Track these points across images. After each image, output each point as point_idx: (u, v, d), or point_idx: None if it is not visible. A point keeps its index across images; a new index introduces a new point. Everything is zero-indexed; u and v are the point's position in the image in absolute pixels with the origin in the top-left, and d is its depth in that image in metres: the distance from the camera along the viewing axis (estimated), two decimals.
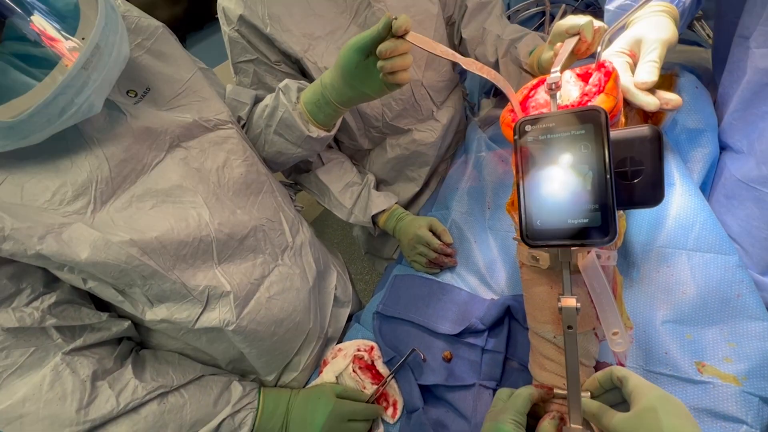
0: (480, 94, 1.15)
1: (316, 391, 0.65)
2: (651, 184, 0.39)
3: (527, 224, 0.37)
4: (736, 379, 0.47)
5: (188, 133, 0.56)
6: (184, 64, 0.59)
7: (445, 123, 0.91)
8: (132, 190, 0.49)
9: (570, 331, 0.40)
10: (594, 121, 0.33)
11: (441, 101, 0.91)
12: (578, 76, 0.50)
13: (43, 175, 0.43)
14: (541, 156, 0.36)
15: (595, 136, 0.33)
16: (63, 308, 0.48)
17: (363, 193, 0.87)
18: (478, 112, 1.10)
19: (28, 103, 0.37)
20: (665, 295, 0.55)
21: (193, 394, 0.56)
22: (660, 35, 0.50)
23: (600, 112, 0.33)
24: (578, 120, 0.34)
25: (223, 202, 0.56)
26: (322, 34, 0.74)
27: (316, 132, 0.66)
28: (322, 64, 0.74)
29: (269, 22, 0.70)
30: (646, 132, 0.38)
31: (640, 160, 0.38)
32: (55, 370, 0.46)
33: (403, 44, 0.50)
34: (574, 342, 0.40)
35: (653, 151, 0.38)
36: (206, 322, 0.53)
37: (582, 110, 0.34)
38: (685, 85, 0.62)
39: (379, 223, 0.88)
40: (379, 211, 0.86)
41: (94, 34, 0.40)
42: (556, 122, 0.35)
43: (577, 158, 0.34)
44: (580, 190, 0.34)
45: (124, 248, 0.45)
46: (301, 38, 0.72)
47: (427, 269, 0.78)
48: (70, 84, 0.39)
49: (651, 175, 0.39)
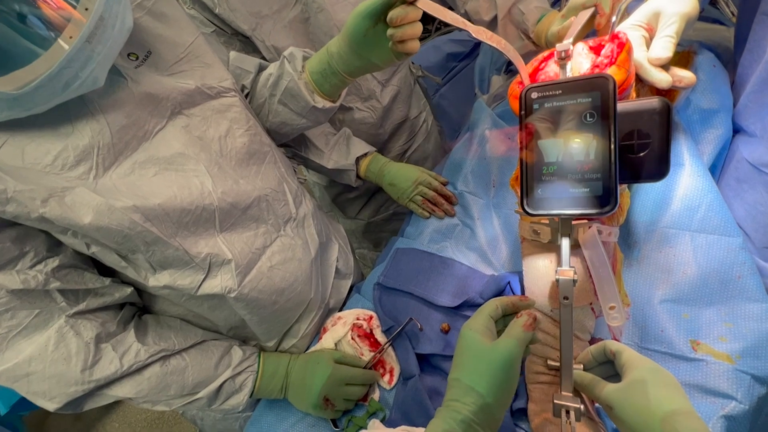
0: (491, 70, 1.12)
1: (315, 356, 0.67)
2: (657, 158, 0.38)
3: (528, 193, 0.37)
4: (729, 357, 0.48)
5: (190, 100, 0.55)
6: (187, 27, 0.57)
7: (386, 104, 0.94)
8: (134, 157, 0.49)
9: (566, 301, 0.41)
10: (601, 88, 0.33)
11: (385, 80, 0.93)
12: (591, 48, 0.48)
13: (44, 139, 0.43)
14: (546, 123, 0.35)
15: (602, 104, 0.33)
16: (66, 272, 0.49)
17: (341, 140, 0.88)
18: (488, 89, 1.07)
19: (31, 75, 0.37)
20: (665, 275, 0.55)
21: (194, 357, 0.58)
22: (679, 8, 0.48)
23: (608, 80, 0.33)
24: (585, 87, 0.34)
25: (226, 172, 0.56)
26: (269, 12, 0.77)
27: (322, 102, 0.65)
28: (270, 43, 0.78)
29: (218, 3, 0.74)
30: (655, 104, 0.37)
31: (648, 133, 0.38)
32: (60, 332, 0.48)
33: (414, 11, 0.49)
34: (569, 313, 0.41)
35: (661, 124, 0.37)
36: (208, 288, 0.54)
37: (590, 77, 0.34)
38: (702, 63, 0.60)
39: (361, 168, 0.89)
40: (361, 154, 0.88)
41: (97, 6, 0.39)
42: (563, 89, 0.35)
43: (582, 126, 0.34)
44: (583, 158, 0.34)
45: (127, 214, 0.45)
46: (248, 17, 0.75)
47: (423, 209, 0.82)
48: (74, 58, 0.38)
49: (658, 148, 0.38)
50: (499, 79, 1.04)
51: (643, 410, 0.36)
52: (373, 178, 0.90)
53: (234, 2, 0.75)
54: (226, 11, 0.75)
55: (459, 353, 0.41)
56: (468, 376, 0.39)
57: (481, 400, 0.38)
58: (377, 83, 0.92)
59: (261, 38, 0.78)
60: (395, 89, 0.95)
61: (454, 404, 0.38)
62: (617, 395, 0.39)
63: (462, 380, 0.39)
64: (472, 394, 0.38)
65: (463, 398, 0.38)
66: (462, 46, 1.47)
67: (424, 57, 1.49)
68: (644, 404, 0.36)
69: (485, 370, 0.38)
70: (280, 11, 0.78)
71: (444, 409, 0.39)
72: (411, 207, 0.85)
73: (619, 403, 0.38)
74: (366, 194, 1.11)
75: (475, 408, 0.37)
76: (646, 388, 0.37)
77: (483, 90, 1.14)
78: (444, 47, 1.51)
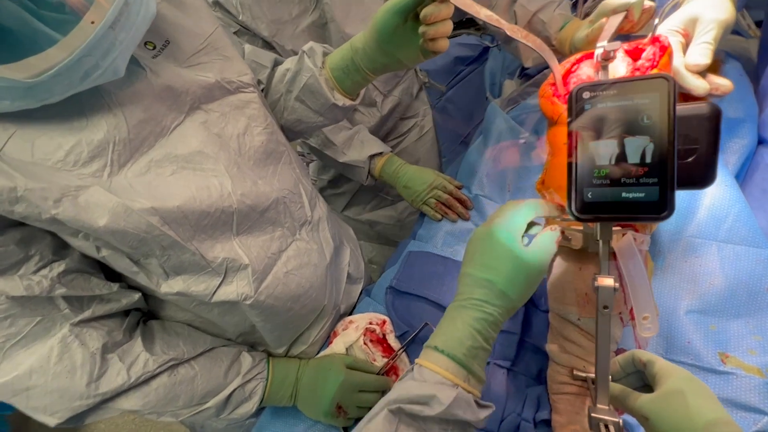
0: (503, 75, 1.12)
1: (327, 361, 0.64)
2: (704, 165, 0.37)
3: (577, 196, 0.35)
4: (760, 371, 0.47)
5: (209, 95, 0.52)
6: (206, 17, 0.54)
7: (385, 114, 0.97)
8: (150, 154, 0.45)
9: (605, 311, 0.39)
10: (660, 89, 0.32)
11: (388, 90, 0.96)
12: (626, 52, 0.48)
13: (56, 132, 0.39)
14: (599, 125, 0.34)
15: (660, 106, 0.31)
16: (72, 277, 0.45)
17: (356, 136, 0.89)
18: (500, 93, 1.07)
19: (47, 63, 0.34)
20: (691, 285, 0.55)
21: (203, 366, 0.55)
22: (718, 15, 0.47)
23: (668, 80, 0.31)
24: (642, 88, 0.32)
25: (245, 172, 0.53)
26: (289, 18, 0.80)
27: (342, 100, 0.63)
28: (290, 47, 0.81)
29: (241, 11, 0.78)
30: (705, 110, 0.36)
31: (696, 139, 0.37)
32: (63, 342, 0.44)
33: (447, 8, 0.47)
34: (607, 323, 0.40)
35: (710, 129, 0.36)
36: (223, 295, 0.51)
37: (647, 77, 0.32)
38: (730, 72, 0.60)
39: (376, 167, 0.90)
40: (376, 152, 0.88)
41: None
42: (618, 90, 0.33)
43: (638, 129, 0.32)
44: (639, 162, 0.32)
45: (144, 216, 0.42)
46: (270, 24, 0.79)
47: (436, 211, 0.82)
48: (97, 45, 0.35)
49: (705, 155, 0.37)
50: (511, 83, 1.04)
51: (683, 420, 0.35)
52: (388, 178, 0.89)
53: (256, 10, 0.78)
54: (249, 18, 0.78)
55: (490, 253, 0.40)
56: (503, 281, 0.39)
57: (511, 304, 0.39)
58: (379, 93, 0.95)
59: (281, 43, 0.81)
60: (396, 100, 0.98)
61: (485, 306, 0.39)
62: (654, 406, 0.37)
63: (496, 284, 0.39)
64: (504, 299, 0.39)
65: (495, 301, 0.39)
66: (470, 50, 1.46)
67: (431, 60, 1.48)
68: (684, 414, 0.35)
69: (522, 280, 0.39)
70: (300, 17, 0.81)
71: (472, 309, 0.39)
72: (424, 209, 0.84)
73: (657, 413, 0.37)
74: (350, 191, 1.13)
75: (504, 311, 0.39)
76: (684, 397, 0.36)
77: (494, 94, 1.13)
78: (452, 51, 1.49)
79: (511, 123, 0.84)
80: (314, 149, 0.91)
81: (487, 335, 0.39)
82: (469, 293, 0.40)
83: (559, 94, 0.49)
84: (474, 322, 0.39)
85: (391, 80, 0.97)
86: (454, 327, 0.39)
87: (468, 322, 0.39)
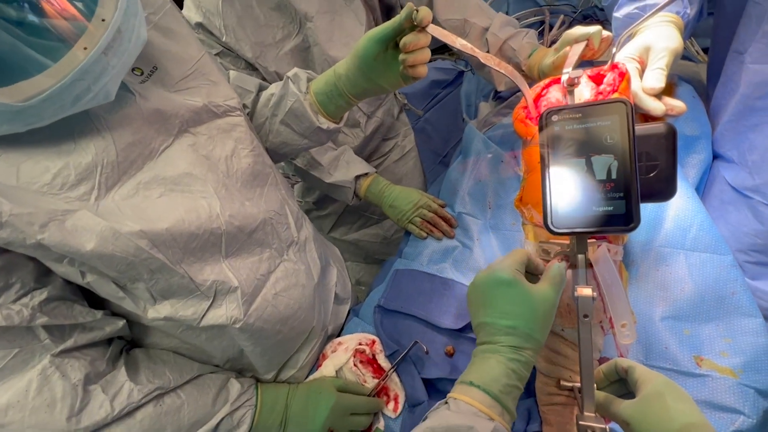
0: (478, 97, 1.17)
1: (316, 385, 0.64)
2: (665, 179, 0.40)
3: (552, 212, 0.37)
4: (732, 372, 0.49)
5: (197, 118, 0.53)
6: (193, 44, 0.56)
7: (368, 134, 1.00)
8: (138, 177, 0.45)
9: (586, 320, 0.41)
10: (619, 112, 0.35)
11: (371, 112, 1.00)
12: (590, 77, 0.52)
13: (43, 156, 0.39)
14: (567, 145, 0.37)
15: (620, 127, 0.35)
16: (54, 305, 0.43)
17: (342, 156, 0.91)
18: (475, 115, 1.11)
19: (38, 87, 0.34)
20: (664, 292, 0.57)
21: (190, 394, 0.53)
22: (668, 44, 0.52)
23: (626, 104, 0.34)
24: (604, 111, 0.35)
25: (233, 194, 0.54)
26: (272, 41, 0.82)
27: (326, 123, 0.65)
28: (273, 69, 0.83)
29: (224, 32, 0.79)
30: (662, 129, 0.40)
31: (656, 156, 0.40)
32: (43, 374, 0.42)
33: (425, 37, 0.51)
34: (588, 331, 0.41)
35: (668, 147, 0.40)
36: (212, 319, 0.50)
37: (608, 101, 0.36)
38: (684, 94, 0.65)
39: (362, 187, 0.91)
40: (362, 173, 0.90)
41: (116, 18, 0.37)
42: (583, 113, 0.36)
43: (603, 148, 0.35)
44: (605, 178, 0.35)
45: (133, 239, 0.42)
46: (253, 46, 0.81)
47: (422, 229, 0.84)
48: (89, 70, 0.36)
49: (665, 170, 0.40)
50: (486, 105, 1.09)
51: (660, 423, 0.36)
52: (373, 198, 0.91)
53: (240, 33, 0.79)
54: (232, 40, 0.79)
55: (503, 299, 0.42)
56: (525, 324, 0.40)
57: (538, 343, 0.41)
58: (362, 114, 0.98)
59: (264, 65, 0.82)
60: (379, 121, 1.02)
61: (516, 350, 0.40)
62: (633, 410, 0.39)
63: (520, 328, 0.40)
64: (532, 340, 0.41)
65: (524, 344, 0.41)
66: (445, 74, 1.53)
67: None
68: (662, 417, 0.36)
69: (541, 317, 0.41)
70: (283, 40, 0.82)
71: (504, 353, 0.40)
72: (410, 228, 0.85)
73: (636, 417, 0.38)
74: (336, 212, 1.15)
75: (533, 351, 0.41)
76: (662, 401, 0.37)
77: (470, 116, 1.18)
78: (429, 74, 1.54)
79: (488, 143, 0.88)
80: (300, 170, 0.92)
81: (521, 375, 0.41)
82: (496, 341, 0.41)
83: (532, 117, 0.53)
84: (508, 362, 0.40)
85: (374, 102, 1.00)
86: (488, 366, 0.40)
87: (502, 361, 0.40)
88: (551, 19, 1.06)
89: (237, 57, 0.83)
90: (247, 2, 0.78)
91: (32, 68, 0.35)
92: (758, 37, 0.51)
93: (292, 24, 0.82)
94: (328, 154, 0.91)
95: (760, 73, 0.52)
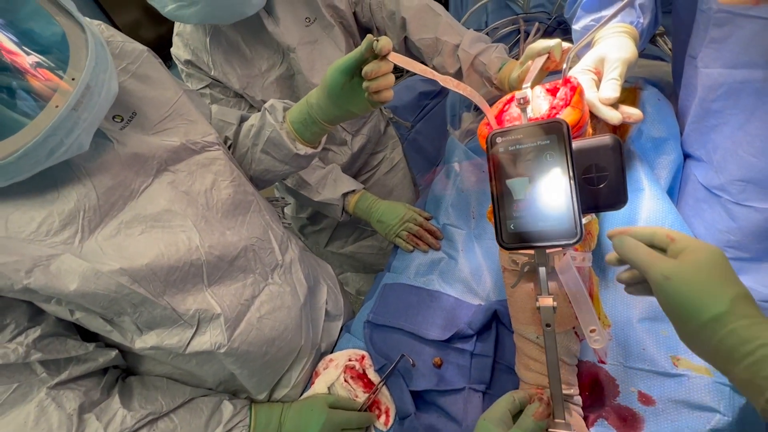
0: (461, 107, 1.19)
1: (309, 402, 0.65)
2: (615, 189, 0.42)
3: (502, 229, 0.39)
4: (708, 370, 0.50)
5: (176, 157, 0.56)
6: (170, 87, 0.59)
7: (356, 151, 1.04)
8: (120, 217, 0.48)
9: (548, 329, 0.42)
10: (557, 131, 0.37)
11: (355, 130, 1.03)
12: (547, 91, 0.54)
13: (29, 206, 0.42)
14: (511, 165, 0.38)
15: (559, 146, 0.36)
16: (48, 342, 0.47)
17: (330, 175, 0.94)
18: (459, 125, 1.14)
19: (15, 145, 0.37)
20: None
21: (183, 418, 0.56)
22: (621, 54, 0.54)
23: (562, 124, 0.36)
24: (543, 131, 0.37)
25: (213, 225, 0.57)
26: (258, 73, 0.87)
27: (304, 149, 0.68)
28: (260, 98, 0.87)
29: (213, 67, 0.84)
30: (607, 141, 0.42)
31: (604, 167, 0.42)
32: (40, 406, 0.45)
33: (386, 64, 0.53)
34: (553, 339, 0.43)
35: (615, 158, 0.41)
36: (197, 346, 0.53)
37: (546, 122, 0.37)
38: (648, 98, 0.66)
39: (350, 203, 0.94)
40: (350, 190, 0.93)
41: (84, 75, 0.40)
42: (524, 134, 0.38)
43: (544, 166, 0.37)
44: (548, 194, 0.37)
45: (113, 277, 0.45)
46: (240, 78, 0.86)
47: (408, 243, 0.86)
48: (60, 125, 0.38)
49: (614, 180, 0.42)
50: (469, 115, 1.11)
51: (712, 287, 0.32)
52: (361, 214, 0.93)
53: (227, 67, 0.84)
54: (220, 74, 0.85)
55: None
56: None
57: None
58: (347, 133, 1.02)
59: (252, 94, 0.87)
60: (365, 138, 1.05)
61: None
62: (680, 269, 0.34)
63: None
64: None
65: None
66: (433, 85, 1.56)
67: (398, 96, 1.57)
68: (717, 280, 0.33)
69: None
70: (269, 71, 0.87)
71: None
72: (397, 242, 0.87)
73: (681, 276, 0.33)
74: (330, 227, 1.18)
75: None
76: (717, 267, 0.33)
77: (454, 126, 1.20)
78: (417, 86, 1.60)
79: (469, 154, 0.90)
80: (290, 189, 0.95)
81: None
82: None
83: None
84: None
85: (358, 121, 1.03)
86: None
87: None
88: (527, 27, 1.08)
89: (225, 87, 0.88)
90: (233, 39, 0.83)
91: (11, 127, 0.38)
92: (706, 43, 0.52)
93: (276, 55, 0.86)
94: (317, 173, 0.94)
95: (711, 76, 0.53)
